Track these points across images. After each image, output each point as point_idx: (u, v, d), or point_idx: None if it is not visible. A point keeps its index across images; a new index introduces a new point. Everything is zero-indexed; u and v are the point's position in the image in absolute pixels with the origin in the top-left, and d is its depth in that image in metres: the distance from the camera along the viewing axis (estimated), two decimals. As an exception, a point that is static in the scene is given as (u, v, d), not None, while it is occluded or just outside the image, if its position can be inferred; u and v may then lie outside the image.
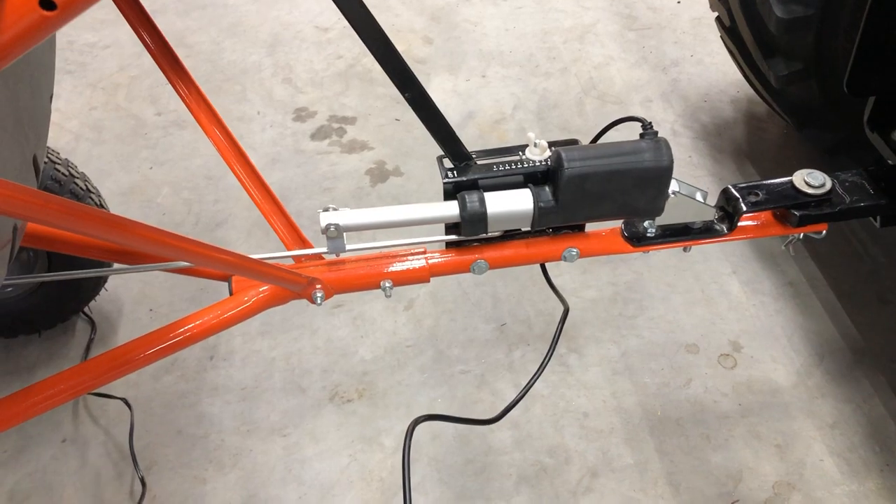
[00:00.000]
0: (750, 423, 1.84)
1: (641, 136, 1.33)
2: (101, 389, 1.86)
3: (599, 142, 1.42)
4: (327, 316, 2.08)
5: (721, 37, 2.32)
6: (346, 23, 3.28)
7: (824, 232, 1.48)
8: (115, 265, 1.40)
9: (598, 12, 3.11)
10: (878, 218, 1.51)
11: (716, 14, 2.29)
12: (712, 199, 1.44)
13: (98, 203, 1.85)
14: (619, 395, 1.90)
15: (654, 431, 1.83)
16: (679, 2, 3.13)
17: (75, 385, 1.22)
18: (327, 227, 1.26)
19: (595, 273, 2.17)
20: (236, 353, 2.00)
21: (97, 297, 2.02)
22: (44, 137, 1.22)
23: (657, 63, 2.87)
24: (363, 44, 1.18)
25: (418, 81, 1.25)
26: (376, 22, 1.17)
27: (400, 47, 1.31)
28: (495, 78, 2.84)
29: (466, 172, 1.33)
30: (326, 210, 1.28)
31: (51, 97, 1.27)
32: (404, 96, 1.26)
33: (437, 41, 3.01)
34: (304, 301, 1.36)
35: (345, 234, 1.28)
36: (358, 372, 1.96)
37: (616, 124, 1.42)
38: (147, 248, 1.00)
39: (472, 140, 2.56)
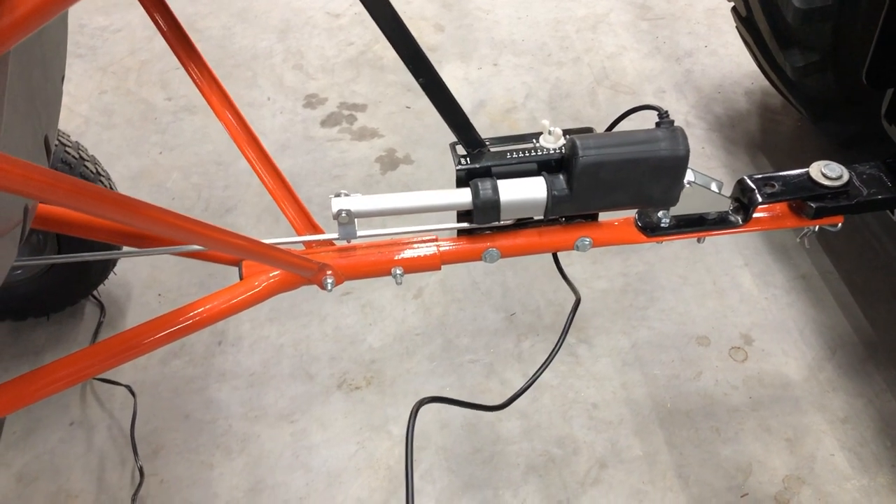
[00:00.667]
0: (760, 416, 1.83)
1: (657, 124, 1.31)
2: (109, 374, 1.87)
3: (614, 130, 1.40)
4: (336, 303, 2.08)
5: (736, 27, 2.30)
6: (357, 9, 3.27)
7: (840, 225, 1.46)
8: (126, 248, 1.39)
9: (612, 2, 3.09)
10: (895, 211, 1.49)
11: (731, 4, 2.26)
12: (727, 190, 1.43)
13: (108, 186, 1.84)
14: (629, 386, 1.89)
15: (663, 423, 1.82)
16: (693, -8, 3.10)
17: (84, 368, 1.22)
18: (339, 212, 1.25)
19: (606, 264, 2.15)
20: (245, 339, 2.00)
21: (106, 281, 2.02)
22: (55, 118, 1.21)
23: (670, 53, 2.85)
24: (378, 28, 1.17)
25: (433, 67, 1.24)
26: (392, 6, 1.16)
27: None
28: (507, 66, 2.82)
29: (479, 160, 1.31)
30: (338, 195, 1.27)
31: (62, 78, 1.26)
32: (418, 81, 1.25)
33: (448, 28, 2.99)
34: (313, 288, 1.36)
35: (356, 220, 1.27)
36: (366, 359, 1.96)
37: (632, 112, 1.40)
38: (159, 230, 1.00)
39: (483, 129, 2.52)
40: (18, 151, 0.98)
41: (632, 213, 1.43)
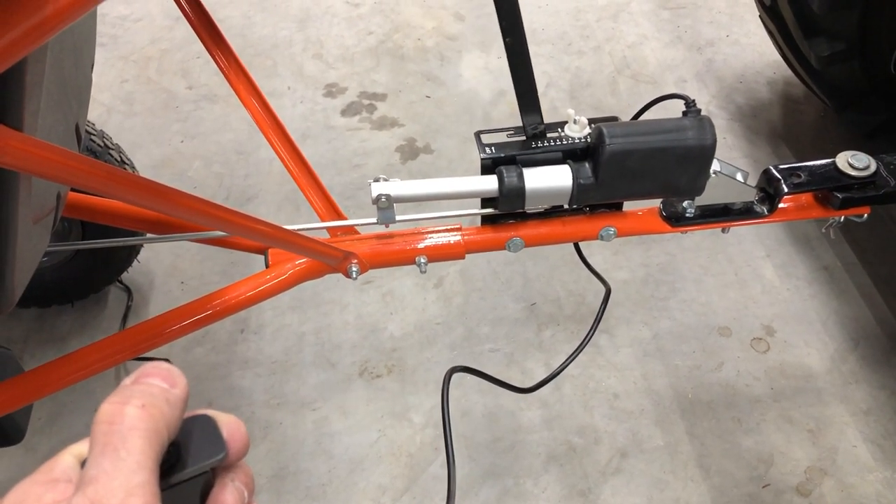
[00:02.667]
0: (782, 407, 1.83)
1: (684, 113, 1.31)
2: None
3: (640, 119, 1.40)
4: (357, 292, 2.08)
5: (760, 16, 2.28)
6: (378, -1, 3.21)
7: (866, 215, 1.45)
8: (154, 235, 1.40)
9: (633, -10, 3.07)
10: (923, 202, 1.47)
11: (755, -7, 2.25)
12: (752, 181, 1.42)
13: (132, 175, 1.85)
14: (650, 376, 1.89)
15: (684, 414, 1.82)
16: (715, -20, 3.08)
17: (113, 354, 1.23)
18: (378, 197, 1.25)
19: (627, 254, 2.15)
20: (267, 327, 2.01)
21: (129, 269, 2.03)
22: (85, 106, 1.22)
23: (692, 43, 2.83)
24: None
25: (523, 30, 1.24)
26: None
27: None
28: (527, 56, 2.80)
29: (504, 149, 1.31)
30: (377, 180, 1.27)
31: (92, 66, 1.27)
32: (505, 41, 1.25)
33: (468, 18, 2.98)
34: (334, 277, 1.36)
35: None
36: (387, 348, 1.96)
37: (658, 101, 1.40)
38: (190, 217, 1.00)
39: (504, 117, 2.54)
40: (51, 139, 0.99)
41: (656, 203, 1.43)
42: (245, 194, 2.36)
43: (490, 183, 1.28)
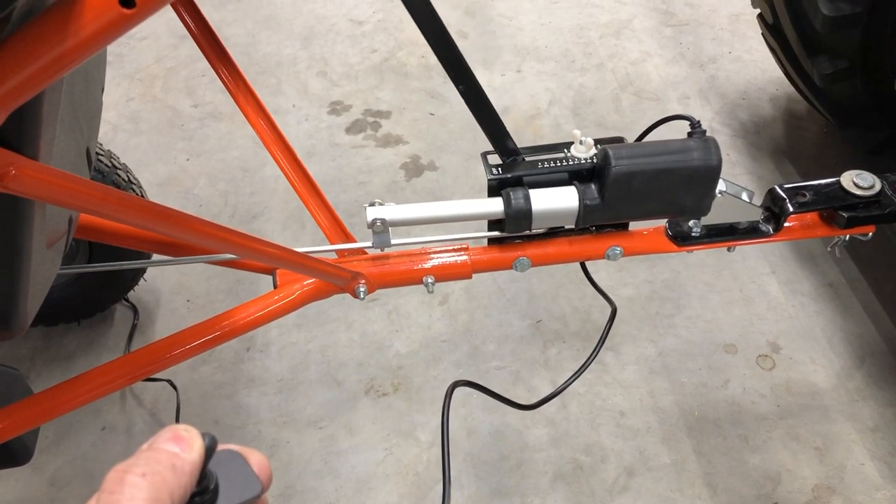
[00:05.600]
0: (789, 425, 1.82)
1: (689, 134, 1.32)
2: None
3: (645, 140, 1.41)
4: (363, 310, 2.09)
5: (762, 34, 2.30)
6: (380, 16, 3.28)
7: (871, 234, 1.46)
8: (163, 257, 1.41)
9: (635, 7, 3.09)
10: (928, 221, 1.48)
11: (757, 11, 2.26)
12: (758, 200, 1.43)
13: (139, 194, 1.86)
14: (656, 394, 1.89)
15: (691, 431, 1.82)
16: (717, -3, 3.10)
17: (122, 375, 1.24)
18: (373, 221, 1.26)
19: (632, 271, 2.16)
20: (273, 345, 2.01)
21: (135, 288, 2.04)
22: (96, 130, 1.23)
23: (695, 59, 2.84)
24: (416, 39, 1.18)
25: (473, 75, 1.25)
26: (435, 12, 1.17)
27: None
28: (531, 73, 2.83)
29: (511, 169, 1.32)
30: (372, 205, 1.28)
31: (102, 90, 1.28)
32: (458, 88, 1.25)
33: (471, 35, 3.00)
34: (340, 295, 1.37)
35: (390, 228, 1.28)
36: (393, 366, 1.97)
37: (663, 122, 1.40)
38: (200, 240, 1.01)
39: (507, 135, 2.54)
40: (63, 163, 1.00)
41: (662, 223, 1.43)
42: (251, 212, 2.37)
43: (492, 205, 1.29)
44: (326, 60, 2.92)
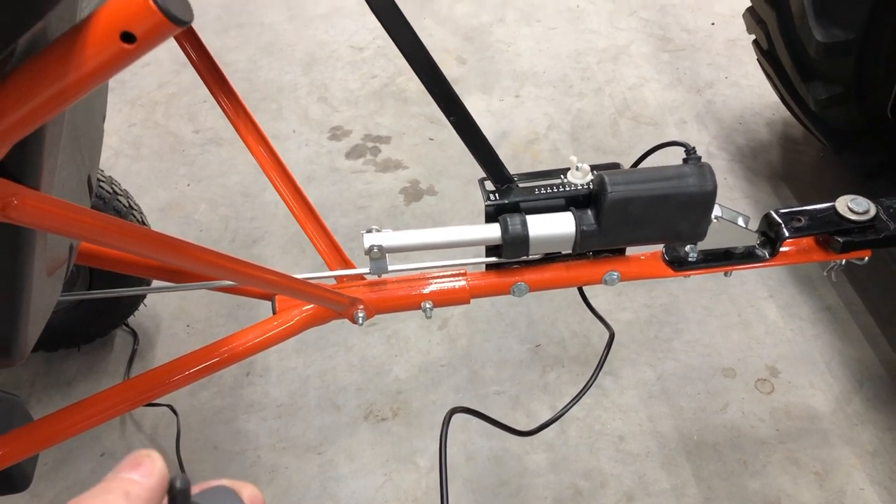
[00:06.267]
0: (788, 449, 1.82)
1: (685, 160, 1.33)
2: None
3: (641, 166, 1.42)
4: (362, 334, 2.09)
5: (758, 59, 2.32)
6: (380, 42, 3.30)
7: (867, 258, 1.47)
8: (164, 283, 1.42)
9: (632, 33, 3.12)
10: (923, 245, 1.49)
11: (753, 37, 2.29)
12: (754, 224, 1.44)
13: (140, 220, 1.88)
14: (656, 418, 1.89)
15: (690, 456, 1.82)
16: (713, 23, 3.13)
17: (122, 401, 1.24)
18: (371, 248, 1.27)
19: (630, 295, 2.16)
20: (272, 370, 2.02)
21: (135, 313, 2.05)
22: (97, 158, 1.25)
23: (691, 84, 2.87)
24: (404, 63, 1.20)
25: (463, 106, 1.26)
26: (424, 47, 1.18)
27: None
28: (529, 98, 2.85)
29: (508, 195, 1.33)
30: (369, 231, 1.29)
31: (104, 118, 1.29)
32: (450, 120, 1.27)
33: (470, 61, 3.03)
34: (339, 320, 1.37)
35: (387, 255, 1.29)
36: (392, 391, 1.97)
37: (659, 148, 1.42)
38: (200, 268, 1.02)
39: (506, 159, 2.52)
40: (64, 192, 1.01)
41: (659, 247, 1.44)
42: (251, 236, 2.38)
43: (489, 231, 1.30)
44: (327, 86, 2.95)
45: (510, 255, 1.33)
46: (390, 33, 1.15)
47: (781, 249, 1.44)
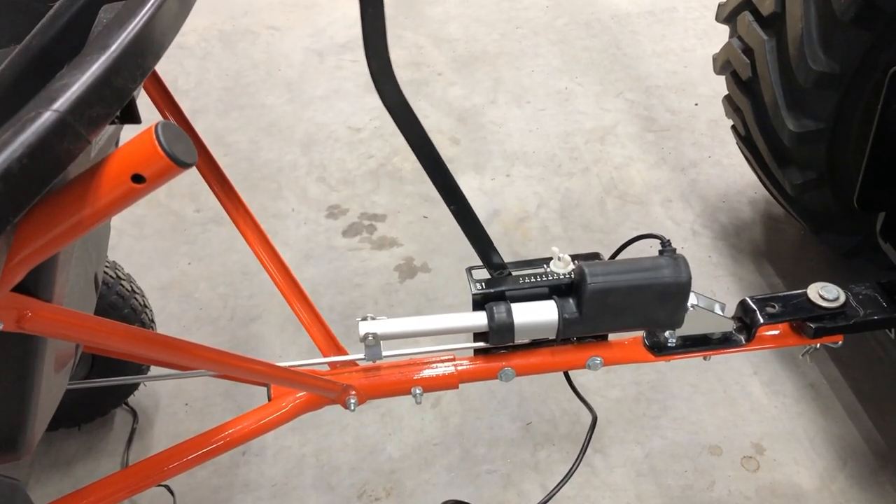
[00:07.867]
0: (775, 527, 1.85)
1: (661, 252, 1.41)
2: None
3: (619, 256, 1.49)
4: (356, 412, 2.13)
5: (737, 143, 2.42)
6: (377, 123, 3.39)
7: (841, 342, 1.53)
8: (161, 370, 1.47)
9: (618, 114, 3.24)
10: (893, 330, 1.55)
11: (731, 122, 2.39)
12: (730, 310, 1.50)
13: (142, 303, 1.94)
14: (644, 497, 1.92)
15: (678, 535, 1.84)
16: (697, 104, 3.25)
17: (121, 489, 1.29)
18: (365, 336, 1.34)
19: (619, 372, 2.21)
20: (268, 449, 2.05)
21: (135, 392, 2.09)
22: (104, 256, 1.32)
23: (676, 164, 2.97)
24: (400, 144, 1.28)
25: (464, 196, 1.34)
26: (431, 142, 1.27)
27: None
28: (519, 177, 2.95)
29: (494, 284, 1.41)
30: (364, 319, 1.36)
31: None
32: (450, 209, 1.35)
33: (463, 141, 3.14)
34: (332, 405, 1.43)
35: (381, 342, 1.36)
36: (386, 470, 2.00)
37: (635, 241, 1.50)
38: (198, 365, 1.08)
39: (497, 237, 2.61)
40: (72, 293, 1.08)
41: (640, 333, 1.51)
42: (249, 315, 2.44)
43: (476, 319, 1.37)
44: (325, 166, 3.05)
45: (497, 342, 1.40)
46: (401, 128, 1.24)
47: (758, 334, 1.50)
